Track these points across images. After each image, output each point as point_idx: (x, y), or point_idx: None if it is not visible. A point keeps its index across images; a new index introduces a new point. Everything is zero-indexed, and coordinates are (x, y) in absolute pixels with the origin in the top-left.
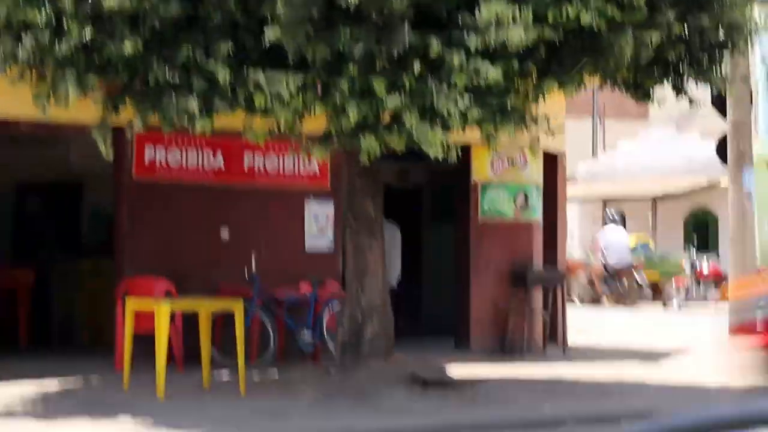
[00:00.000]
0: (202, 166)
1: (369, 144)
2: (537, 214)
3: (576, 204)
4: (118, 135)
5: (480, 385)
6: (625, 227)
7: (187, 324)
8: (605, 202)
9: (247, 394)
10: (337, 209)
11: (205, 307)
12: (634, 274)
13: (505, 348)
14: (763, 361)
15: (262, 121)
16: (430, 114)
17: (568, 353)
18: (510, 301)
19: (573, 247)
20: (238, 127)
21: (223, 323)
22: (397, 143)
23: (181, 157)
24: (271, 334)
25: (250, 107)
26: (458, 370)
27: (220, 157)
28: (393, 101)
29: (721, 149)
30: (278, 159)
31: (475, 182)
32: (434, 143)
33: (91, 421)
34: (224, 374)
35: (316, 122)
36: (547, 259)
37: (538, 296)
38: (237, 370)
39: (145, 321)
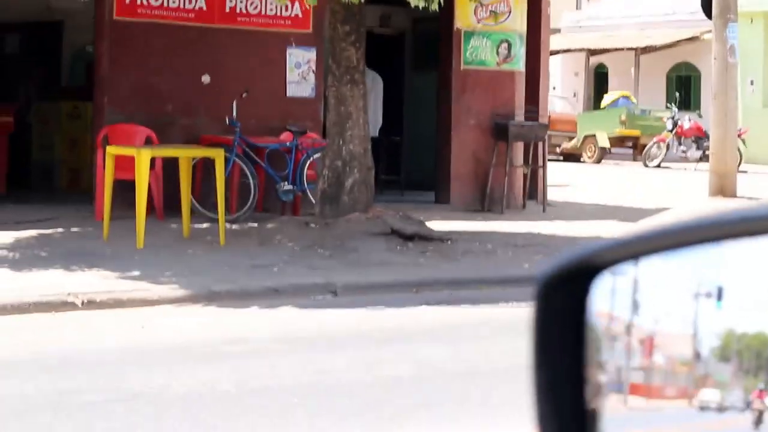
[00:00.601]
0: (184, 6)
1: None
2: (520, 65)
3: (559, 55)
4: None
5: (459, 240)
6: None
7: (168, 173)
8: (588, 54)
9: (227, 244)
10: (319, 55)
11: (185, 154)
12: None
13: (485, 203)
14: None
15: None
16: None
17: (547, 210)
18: (490, 155)
19: (558, 98)
20: None
21: (203, 174)
22: None
23: None
24: (251, 183)
25: None
26: (438, 224)
27: None
28: None
29: (706, 1)
30: (260, 1)
31: (458, 29)
32: None
33: (69, 270)
34: (204, 224)
35: None
36: (529, 112)
37: (519, 150)
38: (217, 220)
39: (125, 168)
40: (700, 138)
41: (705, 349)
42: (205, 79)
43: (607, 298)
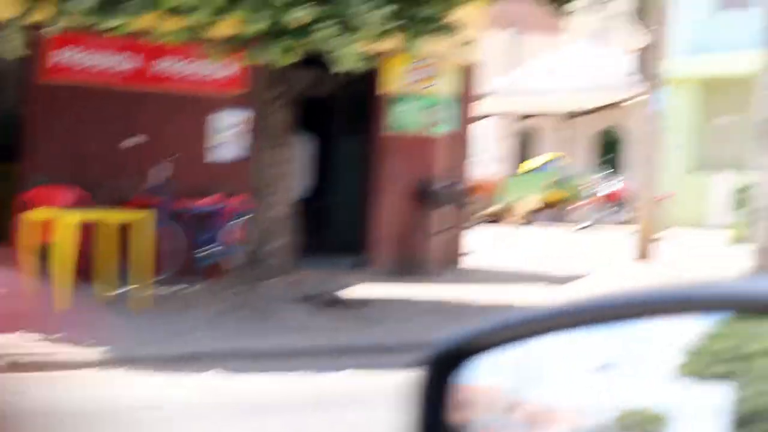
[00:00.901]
0: (111, 69)
1: (276, 52)
2: (446, 129)
3: (488, 119)
4: (27, 35)
5: (378, 305)
6: None
7: (91, 236)
8: (520, 118)
9: (150, 308)
10: (249, 117)
11: (109, 218)
12: None
13: (406, 267)
14: None
15: (175, 22)
16: (346, 25)
17: (469, 274)
18: (413, 219)
19: (486, 162)
20: (150, 29)
21: (128, 236)
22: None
23: (91, 59)
24: (176, 246)
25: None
26: (359, 289)
27: (130, 60)
28: (298, 12)
29: (637, 65)
30: (189, 64)
31: (385, 93)
32: (350, 55)
33: None
34: (125, 289)
35: (231, 28)
36: (453, 177)
37: (441, 215)
38: (138, 284)
39: (52, 231)
40: (624, 202)
41: (591, 423)
42: (132, 141)
43: (494, 374)
